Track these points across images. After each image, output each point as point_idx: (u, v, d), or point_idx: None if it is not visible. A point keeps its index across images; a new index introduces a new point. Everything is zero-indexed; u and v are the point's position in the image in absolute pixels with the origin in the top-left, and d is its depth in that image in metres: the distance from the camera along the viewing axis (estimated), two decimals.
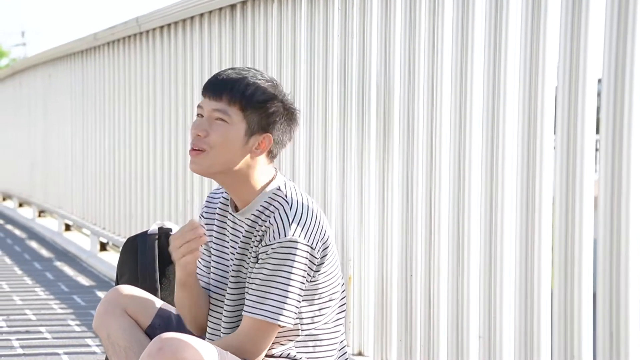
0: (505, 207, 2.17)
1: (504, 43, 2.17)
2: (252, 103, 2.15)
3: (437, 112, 2.41)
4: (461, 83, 2.31)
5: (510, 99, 2.15)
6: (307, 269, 2.10)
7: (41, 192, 7.44)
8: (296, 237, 2.08)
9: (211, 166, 2.17)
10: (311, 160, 2.98)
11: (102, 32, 5.48)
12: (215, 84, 2.19)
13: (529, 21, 2.06)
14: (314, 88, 2.96)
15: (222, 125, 2.15)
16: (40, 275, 4.93)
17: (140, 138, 4.81)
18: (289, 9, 3.10)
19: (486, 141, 2.21)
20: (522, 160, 2.08)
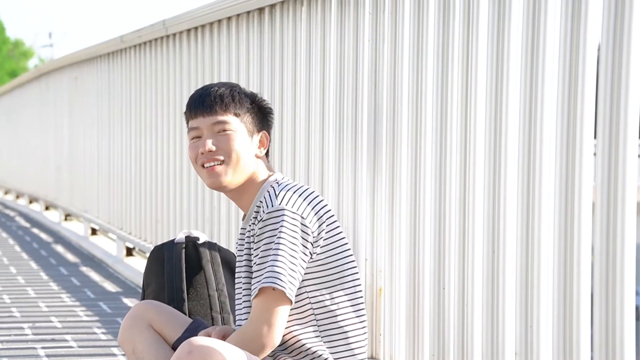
0: (542, 218, 2.10)
1: (541, 51, 2.10)
2: (243, 106, 2.30)
3: (471, 117, 2.35)
4: (496, 89, 2.25)
5: (548, 106, 2.09)
6: (299, 237, 2.13)
7: (67, 196, 7.44)
8: (283, 205, 2.15)
9: (234, 176, 2.25)
10: (341, 169, 2.91)
11: (129, 34, 5.44)
12: (203, 102, 2.30)
13: (569, 28, 1.99)
14: (344, 94, 2.89)
15: (228, 135, 2.26)
16: (66, 281, 4.90)
17: (167, 143, 4.77)
18: (318, 13, 3.04)
19: (523, 149, 2.14)
20: (560, 167, 2.02)
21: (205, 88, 2.34)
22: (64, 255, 5.96)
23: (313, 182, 3.04)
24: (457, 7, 2.38)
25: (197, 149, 2.26)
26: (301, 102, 3.15)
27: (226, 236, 3.88)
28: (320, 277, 2.16)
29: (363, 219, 2.78)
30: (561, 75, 2.02)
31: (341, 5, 2.89)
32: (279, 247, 2.10)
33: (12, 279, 4.93)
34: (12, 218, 8.57)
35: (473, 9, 2.32)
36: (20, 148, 10.18)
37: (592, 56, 1.97)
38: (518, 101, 2.17)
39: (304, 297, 2.14)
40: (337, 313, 2.16)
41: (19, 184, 10.15)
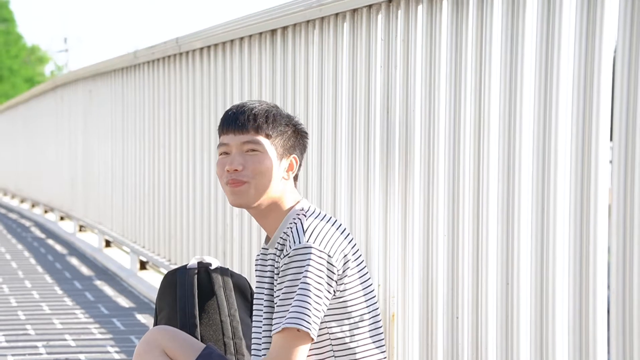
0: (557, 254, 2.09)
1: (555, 85, 2.09)
2: (276, 128, 2.28)
3: (483, 142, 2.34)
4: (509, 114, 2.24)
5: (562, 136, 2.07)
6: (325, 276, 2.12)
7: (82, 207, 7.47)
8: (310, 243, 2.14)
9: (255, 196, 2.25)
10: (353, 194, 2.91)
11: (142, 50, 5.47)
12: (237, 119, 2.28)
13: (582, 56, 1.98)
14: (356, 118, 2.90)
15: (256, 155, 2.24)
16: (81, 296, 4.92)
17: (180, 158, 4.79)
18: (330, 37, 3.05)
19: (536, 175, 2.13)
20: (575, 184, 2.01)
21: (241, 105, 2.32)
22: (79, 268, 5.99)
23: (325, 205, 3.04)
24: (469, 33, 2.38)
25: (224, 166, 2.25)
26: (313, 124, 3.16)
27: (239, 254, 3.89)
28: (341, 313, 2.15)
29: (375, 244, 2.78)
30: (576, 82, 2.01)
31: (353, 30, 2.90)
32: (305, 286, 2.09)
33: (27, 294, 4.96)
34: (27, 228, 8.61)
35: (485, 37, 2.32)
36: (36, 157, 10.24)
37: (608, 58, 1.95)
38: (531, 127, 2.16)
39: (324, 334, 2.14)
40: (357, 350, 2.16)
41: (34, 192, 10.20)
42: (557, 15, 2.07)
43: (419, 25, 2.58)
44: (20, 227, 8.75)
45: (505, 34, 2.24)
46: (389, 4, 2.70)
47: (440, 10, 2.48)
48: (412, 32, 2.61)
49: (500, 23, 2.25)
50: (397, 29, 2.67)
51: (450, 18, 2.44)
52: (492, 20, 2.29)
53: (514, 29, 2.21)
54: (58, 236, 7.89)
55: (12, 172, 12.15)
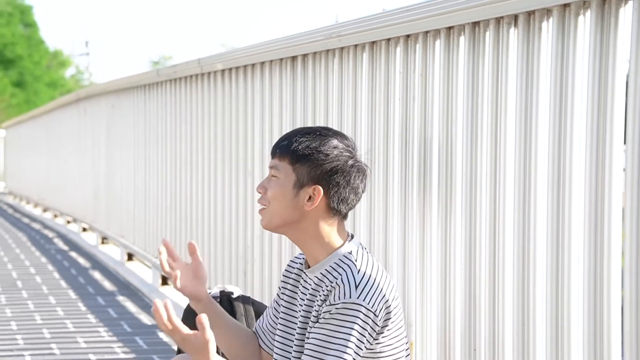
0: (572, 286, 2.13)
1: (569, 110, 2.13)
2: (297, 156, 2.22)
3: (500, 173, 2.38)
4: (525, 145, 2.27)
5: (577, 162, 2.11)
6: (367, 334, 2.11)
7: (104, 219, 7.56)
8: (360, 300, 2.10)
9: (271, 220, 2.25)
10: (372, 221, 2.96)
11: (165, 69, 5.55)
12: (275, 144, 2.30)
13: (596, 77, 2.02)
14: (375, 147, 2.94)
15: (275, 181, 2.24)
16: (104, 312, 4.99)
17: (202, 178, 4.85)
18: (349, 67, 3.09)
19: (551, 208, 2.17)
20: (589, 229, 2.04)
21: (292, 130, 2.33)
22: (101, 283, 6.06)
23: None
24: (485, 67, 2.42)
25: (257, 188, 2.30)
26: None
27: (259, 275, 3.94)
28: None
29: (395, 270, 2.82)
30: (590, 98, 2.04)
31: (372, 61, 2.94)
32: (345, 343, 2.08)
33: (52, 311, 5.03)
34: (50, 240, 8.71)
35: (502, 70, 2.36)
36: (59, 167, 10.35)
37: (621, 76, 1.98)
38: (546, 159, 2.19)
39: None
40: None
41: (58, 203, 10.31)
42: (571, 44, 2.10)
43: (437, 60, 2.62)
44: (44, 238, 8.85)
45: (521, 67, 2.27)
46: (407, 38, 2.75)
47: (458, 46, 2.53)
48: (429, 66, 2.65)
49: (516, 56, 2.29)
50: (415, 63, 2.72)
51: (467, 53, 2.48)
52: (508, 54, 2.32)
53: (529, 63, 2.25)
54: (81, 248, 7.98)
55: (35, 181, 12.28)
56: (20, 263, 6.93)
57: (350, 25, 3.08)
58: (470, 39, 2.46)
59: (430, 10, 2.57)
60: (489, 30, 2.38)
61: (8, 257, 7.28)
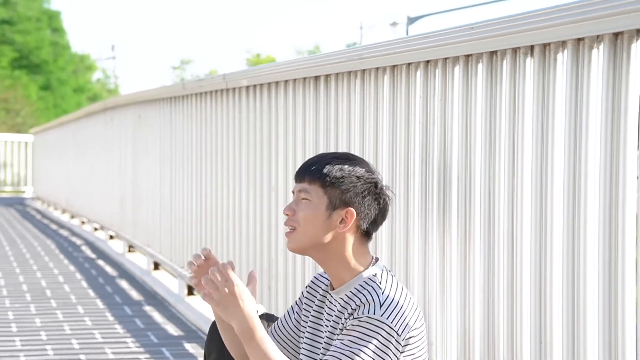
0: (588, 305, 2.18)
1: (584, 139, 2.18)
2: (330, 179, 2.31)
3: (517, 197, 2.44)
4: (541, 171, 2.32)
5: (592, 185, 2.16)
6: (390, 353, 2.17)
7: (131, 228, 7.67)
8: (384, 319, 2.17)
9: (301, 242, 2.32)
10: (393, 243, 3.02)
11: (190, 82, 5.64)
12: (300, 169, 2.39)
13: (610, 101, 2.07)
14: (396, 169, 3.01)
15: (305, 203, 2.31)
16: (131, 323, 5.09)
17: (227, 190, 4.93)
18: (371, 89, 3.16)
19: (567, 229, 2.21)
20: (604, 253, 2.09)
21: (316, 155, 2.41)
22: (128, 292, 6.16)
23: None
24: (503, 95, 2.48)
25: (284, 210, 2.35)
26: None
27: (283, 290, 4.01)
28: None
29: (416, 290, 2.88)
30: (604, 117, 2.09)
31: (393, 84, 3.01)
32: (362, 350, 2.14)
33: (80, 321, 5.13)
34: (78, 247, 8.83)
35: (518, 99, 2.41)
36: (86, 175, 10.49)
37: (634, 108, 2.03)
38: (562, 181, 2.24)
39: None
40: None
41: (85, 210, 10.45)
42: (585, 75, 2.15)
43: (456, 85, 2.69)
44: (72, 245, 8.97)
45: (537, 96, 2.33)
46: (427, 63, 2.81)
47: (476, 73, 2.59)
48: (449, 91, 2.72)
49: (532, 85, 2.35)
50: (435, 87, 2.78)
51: (485, 80, 2.54)
52: (525, 83, 2.38)
53: (545, 92, 2.30)
54: (108, 256, 8.09)
55: (63, 188, 12.43)
56: (49, 271, 7.05)
57: (372, 48, 3.15)
58: (488, 67, 2.52)
59: (449, 39, 2.64)
60: (506, 59, 2.44)
61: (37, 265, 7.41)
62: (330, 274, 2.34)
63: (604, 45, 2.05)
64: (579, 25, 2.08)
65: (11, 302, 5.64)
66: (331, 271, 2.33)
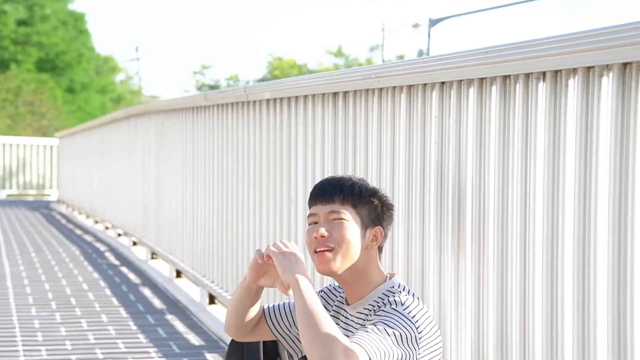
0: (598, 329, 2.22)
1: (594, 161, 2.22)
2: (362, 199, 2.41)
3: (530, 214, 2.48)
4: (553, 191, 2.36)
5: (602, 202, 2.19)
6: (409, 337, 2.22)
7: (153, 235, 7.75)
8: (407, 312, 2.26)
9: (341, 263, 2.38)
10: (409, 255, 3.07)
11: (212, 94, 5.71)
12: (324, 190, 2.44)
13: (618, 133, 2.10)
14: (412, 186, 3.06)
15: (341, 223, 2.38)
16: (153, 332, 5.16)
17: (247, 201, 4.99)
18: (388, 107, 3.21)
19: (578, 248, 2.25)
20: (612, 268, 2.13)
21: (328, 178, 2.48)
22: (151, 300, 6.24)
23: (383, 264, 3.20)
24: (516, 115, 2.52)
25: (312, 234, 2.38)
26: (372, 181, 3.32)
27: None
28: None
29: (431, 304, 2.93)
30: (613, 148, 2.13)
31: (410, 103, 3.06)
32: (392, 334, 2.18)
33: (104, 330, 5.21)
34: (102, 254, 8.93)
35: (531, 122, 2.45)
36: (110, 181, 10.60)
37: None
38: (573, 200, 2.28)
39: None
40: None
41: (109, 215, 10.56)
42: (595, 101, 2.19)
43: (470, 106, 2.73)
44: (96, 252, 9.08)
45: (548, 119, 2.37)
46: (442, 84, 2.86)
47: (490, 94, 2.63)
48: (463, 112, 2.76)
49: (544, 109, 2.39)
50: (450, 108, 2.83)
51: (498, 102, 2.58)
52: (537, 106, 2.42)
53: (557, 115, 2.34)
54: (131, 263, 8.18)
55: (87, 192, 12.56)
56: (73, 279, 7.15)
57: (389, 67, 3.20)
58: (502, 90, 2.56)
59: (464, 61, 2.68)
60: (519, 83, 2.48)
61: (62, 272, 7.51)
62: (350, 290, 2.40)
63: (613, 74, 2.09)
64: (589, 55, 2.13)
65: (37, 311, 5.73)
66: (352, 287, 2.40)
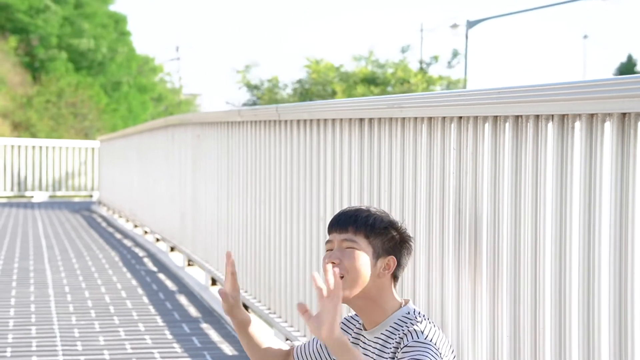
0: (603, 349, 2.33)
1: (598, 197, 2.33)
2: (374, 230, 2.54)
3: (540, 245, 2.60)
4: (561, 224, 2.48)
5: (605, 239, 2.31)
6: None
7: (190, 242, 7.95)
8: (428, 341, 2.40)
9: (351, 289, 2.52)
10: (430, 280, 3.20)
11: (246, 111, 5.88)
12: (340, 220, 2.58)
13: (619, 171, 2.22)
14: (433, 214, 3.19)
15: (352, 252, 2.53)
16: (188, 342, 5.34)
17: (278, 216, 5.15)
18: (410, 137, 3.34)
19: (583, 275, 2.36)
20: (614, 308, 2.24)
21: (347, 209, 2.64)
22: (187, 309, 6.42)
23: (405, 290, 3.34)
24: (528, 150, 2.64)
25: (326, 260, 2.55)
26: (396, 207, 3.46)
27: None
28: None
29: (450, 331, 3.06)
30: (614, 187, 2.25)
31: (430, 135, 3.19)
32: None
33: (141, 339, 5.39)
34: (141, 260, 9.15)
35: (540, 159, 2.57)
36: (148, 187, 10.84)
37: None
38: (579, 240, 2.39)
39: None
40: None
41: (147, 220, 10.80)
42: (598, 144, 2.30)
43: (486, 140, 2.86)
44: (135, 257, 9.30)
45: (557, 154, 2.49)
46: (460, 119, 2.99)
47: (504, 131, 2.76)
48: (479, 145, 2.89)
49: (552, 146, 2.51)
50: (467, 141, 2.96)
51: (511, 139, 2.71)
52: (547, 145, 2.55)
53: (564, 151, 2.46)
54: (168, 269, 8.39)
55: (127, 196, 12.83)
56: (112, 286, 7.36)
57: (411, 99, 3.34)
58: (514, 128, 2.69)
59: (480, 99, 2.81)
60: (529, 123, 2.61)
61: (102, 279, 7.73)
62: (365, 316, 2.55)
63: (613, 122, 2.21)
64: (590, 103, 2.25)
65: (77, 319, 5.94)
66: (366, 314, 2.55)
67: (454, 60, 31.78)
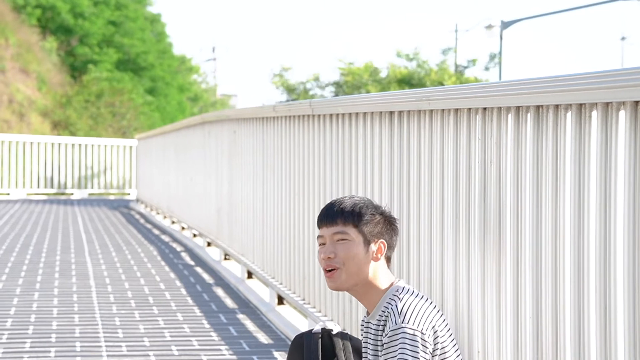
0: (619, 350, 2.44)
1: (613, 183, 2.44)
2: (362, 218, 2.70)
3: (560, 234, 2.70)
4: (579, 203, 2.57)
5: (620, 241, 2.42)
6: (419, 350, 2.49)
7: (226, 237, 8.13)
8: (405, 324, 2.52)
9: (347, 279, 2.70)
10: (458, 270, 3.32)
11: (280, 106, 6.03)
12: (328, 214, 2.75)
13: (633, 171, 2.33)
14: (459, 204, 3.31)
15: (344, 243, 2.68)
16: (225, 330, 5.50)
17: (312, 209, 5.29)
18: (437, 128, 3.47)
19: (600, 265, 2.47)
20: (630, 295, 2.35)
21: (332, 202, 2.78)
22: (224, 300, 6.59)
23: (429, 280, 3.46)
24: (548, 141, 2.75)
25: (320, 255, 2.71)
26: (424, 205, 3.58)
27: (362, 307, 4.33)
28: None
29: (475, 320, 3.18)
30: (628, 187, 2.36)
31: (457, 126, 3.32)
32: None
33: (179, 328, 5.57)
34: (178, 254, 9.35)
35: (560, 148, 2.68)
36: (186, 183, 11.04)
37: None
38: (595, 226, 2.50)
39: None
40: None
41: (185, 216, 11.00)
42: (614, 132, 2.41)
43: (509, 131, 2.98)
44: (173, 252, 9.50)
45: (575, 142, 2.60)
46: (484, 110, 3.11)
47: (526, 121, 2.88)
48: (503, 135, 3.01)
49: (571, 134, 2.62)
50: (492, 131, 3.08)
51: (533, 127, 2.83)
52: (566, 132, 2.66)
53: (582, 139, 2.57)
54: (205, 263, 8.57)
55: (164, 193, 13.05)
56: (151, 278, 7.55)
57: (438, 91, 3.46)
58: (535, 118, 2.80)
59: (502, 91, 2.93)
60: (549, 112, 2.73)
61: (141, 272, 7.93)
62: (365, 300, 2.70)
63: (626, 110, 2.32)
64: (605, 92, 2.36)
65: (118, 309, 6.13)
66: (367, 299, 2.70)
67: (491, 63, 31.73)
